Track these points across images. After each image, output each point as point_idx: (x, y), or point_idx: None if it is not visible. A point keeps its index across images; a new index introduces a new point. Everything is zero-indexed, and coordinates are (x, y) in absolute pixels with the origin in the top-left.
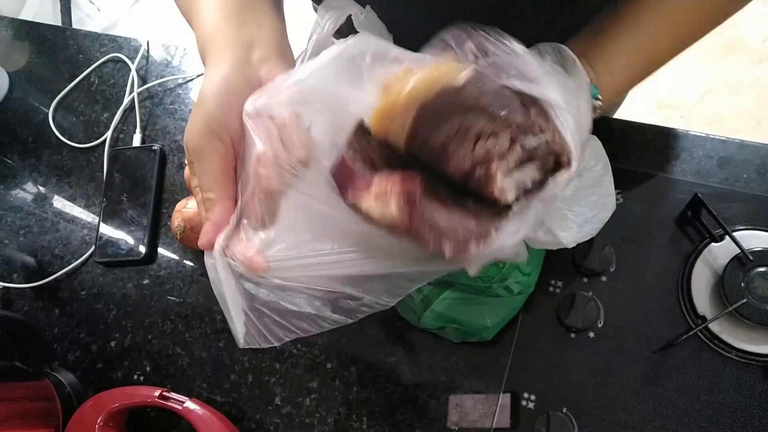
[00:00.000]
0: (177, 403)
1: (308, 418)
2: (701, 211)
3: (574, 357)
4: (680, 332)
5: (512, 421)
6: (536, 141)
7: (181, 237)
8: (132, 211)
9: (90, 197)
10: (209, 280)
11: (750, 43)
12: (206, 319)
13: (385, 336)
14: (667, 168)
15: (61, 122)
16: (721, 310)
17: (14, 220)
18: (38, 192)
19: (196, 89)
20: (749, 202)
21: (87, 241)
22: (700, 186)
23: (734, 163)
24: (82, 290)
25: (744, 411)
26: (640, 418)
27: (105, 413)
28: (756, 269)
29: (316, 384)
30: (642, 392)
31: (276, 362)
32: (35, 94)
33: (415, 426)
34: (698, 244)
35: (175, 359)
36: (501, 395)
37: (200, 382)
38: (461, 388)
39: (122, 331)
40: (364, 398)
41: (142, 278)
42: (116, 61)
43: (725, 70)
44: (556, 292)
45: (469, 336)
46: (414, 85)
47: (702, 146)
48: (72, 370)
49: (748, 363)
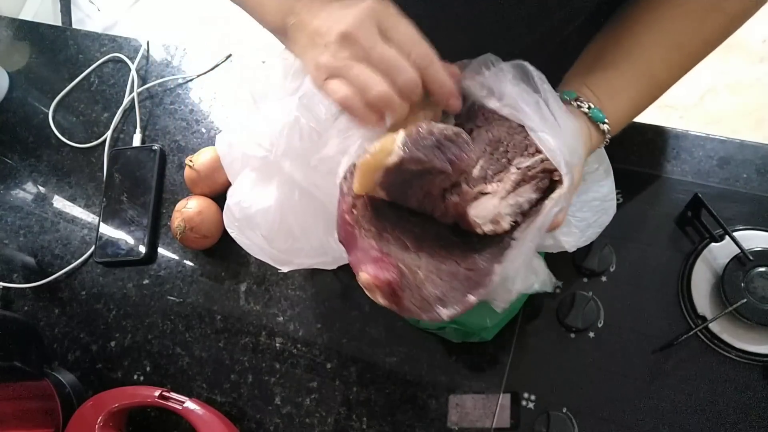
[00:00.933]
0: (177, 403)
1: (308, 418)
2: (701, 211)
3: (574, 357)
4: (680, 332)
5: (512, 421)
6: (530, 161)
7: (181, 237)
8: (132, 211)
9: (90, 197)
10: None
11: (750, 43)
12: (206, 319)
13: (385, 336)
14: (667, 168)
15: (61, 122)
16: (721, 310)
17: (14, 220)
18: (38, 192)
19: (196, 89)
20: (749, 202)
21: (87, 241)
22: (700, 186)
23: (734, 163)
24: (82, 290)
25: (744, 411)
26: (640, 418)
27: (105, 413)
28: (756, 269)
29: (316, 384)
30: (642, 392)
31: (276, 362)
32: (35, 94)
33: (415, 426)
34: (698, 244)
35: (175, 359)
36: (501, 395)
37: (200, 382)
38: (461, 388)
39: (122, 331)
40: (364, 398)
41: (142, 278)
42: (116, 61)
43: (725, 70)
44: (556, 292)
45: (469, 336)
46: (363, 168)
47: (702, 146)
48: (72, 370)
49: (748, 363)
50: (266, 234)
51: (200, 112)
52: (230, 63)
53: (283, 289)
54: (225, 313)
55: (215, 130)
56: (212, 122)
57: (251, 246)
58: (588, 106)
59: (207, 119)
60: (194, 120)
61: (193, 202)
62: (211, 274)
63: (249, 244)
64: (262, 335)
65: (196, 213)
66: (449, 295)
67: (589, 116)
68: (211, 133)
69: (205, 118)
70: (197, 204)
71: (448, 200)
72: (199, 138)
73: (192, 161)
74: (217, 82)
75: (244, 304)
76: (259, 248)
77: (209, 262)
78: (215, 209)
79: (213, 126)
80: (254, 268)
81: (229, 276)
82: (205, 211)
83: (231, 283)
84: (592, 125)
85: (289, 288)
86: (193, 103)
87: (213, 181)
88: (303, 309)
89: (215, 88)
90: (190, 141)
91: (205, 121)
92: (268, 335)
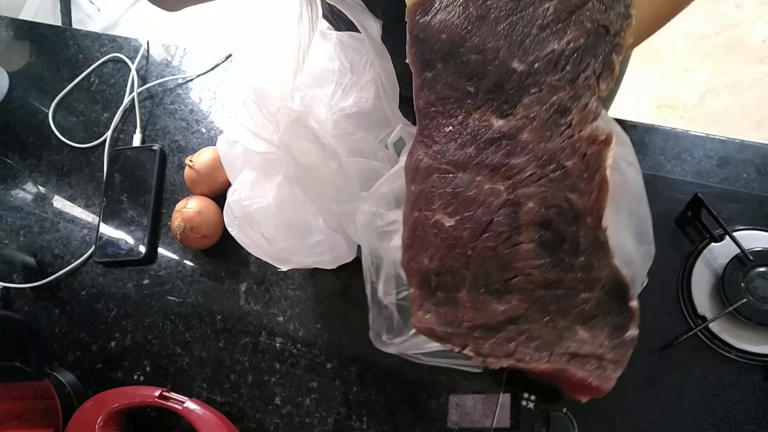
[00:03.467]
0: (177, 403)
1: (308, 418)
2: (701, 211)
3: None
4: (680, 332)
5: (512, 421)
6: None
7: (181, 237)
8: (132, 211)
9: (90, 197)
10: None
11: (750, 43)
12: (206, 319)
13: None
14: (667, 168)
15: (61, 122)
16: (721, 310)
17: (14, 220)
18: (38, 192)
19: (196, 89)
20: (749, 202)
21: (87, 241)
22: (700, 186)
23: (734, 163)
24: (82, 290)
25: (744, 411)
26: (640, 417)
27: (105, 413)
28: (756, 269)
29: (316, 384)
30: (642, 392)
31: (276, 362)
32: (35, 94)
33: (415, 426)
34: (698, 244)
35: (175, 359)
36: (501, 395)
37: (200, 382)
38: (461, 388)
39: (122, 331)
40: (364, 398)
41: (142, 278)
42: (116, 61)
43: (725, 70)
44: None
45: None
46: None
47: (702, 146)
48: (72, 370)
49: (748, 363)
50: (266, 232)
51: (200, 112)
52: (230, 63)
53: (283, 289)
54: (225, 313)
55: (215, 130)
56: (212, 122)
57: (251, 245)
58: None
59: (207, 119)
60: (194, 120)
61: (193, 202)
62: (211, 274)
63: (249, 243)
64: (262, 335)
65: (196, 213)
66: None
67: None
68: (211, 133)
69: (205, 118)
70: (197, 204)
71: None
72: (199, 138)
73: (192, 161)
74: (217, 82)
75: (244, 304)
76: (259, 247)
77: (209, 262)
78: (215, 209)
79: (213, 126)
80: (254, 268)
81: (229, 276)
82: (205, 211)
83: (231, 283)
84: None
85: (289, 288)
86: (193, 103)
87: (213, 181)
88: (303, 309)
89: (215, 88)
90: (190, 141)
91: (205, 121)
92: (268, 335)
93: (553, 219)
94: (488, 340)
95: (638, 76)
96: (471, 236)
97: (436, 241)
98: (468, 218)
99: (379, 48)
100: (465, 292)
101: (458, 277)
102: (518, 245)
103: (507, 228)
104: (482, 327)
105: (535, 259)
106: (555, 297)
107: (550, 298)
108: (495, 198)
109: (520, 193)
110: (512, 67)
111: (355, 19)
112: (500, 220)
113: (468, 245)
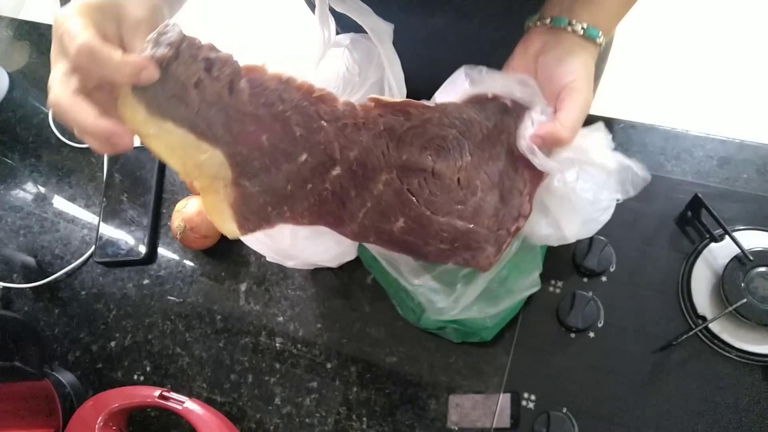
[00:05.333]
0: (177, 403)
1: (308, 418)
2: (701, 211)
3: (574, 357)
4: (680, 332)
5: (512, 421)
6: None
7: (181, 237)
8: (132, 211)
9: (90, 197)
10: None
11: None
12: (206, 319)
13: (385, 336)
14: (667, 168)
15: (61, 122)
16: (721, 310)
17: (14, 220)
18: (38, 192)
19: None
20: (749, 202)
21: (87, 241)
22: (700, 186)
23: (734, 163)
24: (82, 290)
25: (744, 411)
26: (639, 417)
27: (105, 413)
28: (756, 269)
29: (316, 384)
30: (642, 392)
31: (276, 362)
32: (35, 94)
33: (415, 426)
34: (698, 244)
35: (175, 359)
36: (501, 395)
37: (200, 382)
38: (461, 388)
39: (122, 331)
40: (364, 398)
41: (142, 278)
42: None
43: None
44: (556, 292)
45: (469, 336)
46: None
47: (702, 146)
48: (72, 370)
49: (748, 363)
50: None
51: None
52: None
53: (283, 289)
54: (225, 313)
55: None
56: None
57: (254, 241)
58: (581, 27)
59: None
60: None
61: (193, 202)
62: (211, 274)
63: (252, 240)
64: (262, 335)
65: (196, 213)
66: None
67: (585, 36)
68: None
69: None
70: (197, 204)
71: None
72: None
73: None
74: None
75: (244, 304)
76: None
77: (209, 262)
78: None
79: None
80: (254, 268)
81: (229, 276)
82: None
83: (231, 283)
84: (588, 42)
85: (289, 288)
86: None
87: None
88: (303, 309)
89: None
90: None
91: None
92: (268, 335)
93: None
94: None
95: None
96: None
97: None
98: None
99: (390, 52)
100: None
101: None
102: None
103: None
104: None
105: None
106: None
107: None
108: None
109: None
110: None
111: (365, 24)
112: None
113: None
